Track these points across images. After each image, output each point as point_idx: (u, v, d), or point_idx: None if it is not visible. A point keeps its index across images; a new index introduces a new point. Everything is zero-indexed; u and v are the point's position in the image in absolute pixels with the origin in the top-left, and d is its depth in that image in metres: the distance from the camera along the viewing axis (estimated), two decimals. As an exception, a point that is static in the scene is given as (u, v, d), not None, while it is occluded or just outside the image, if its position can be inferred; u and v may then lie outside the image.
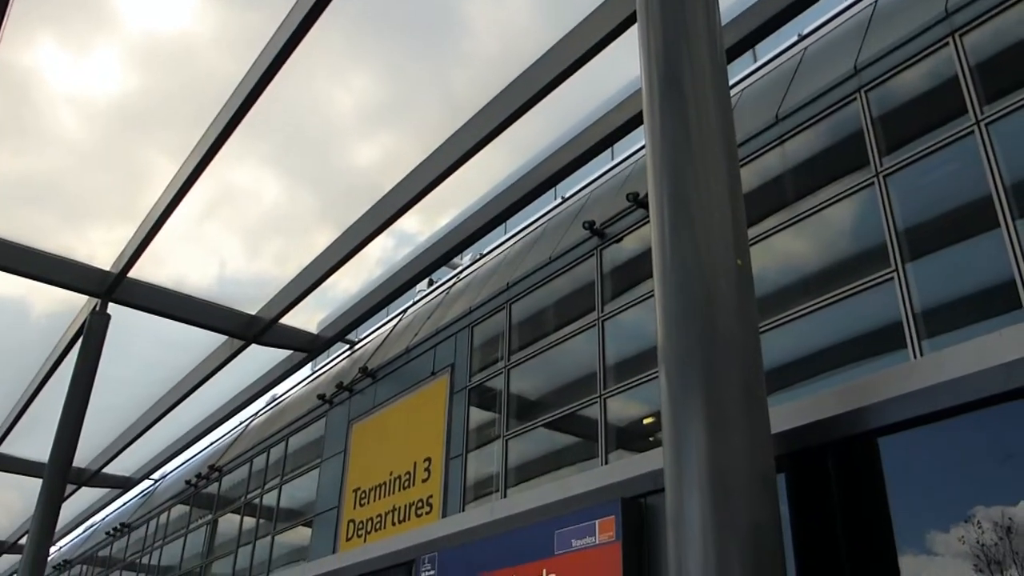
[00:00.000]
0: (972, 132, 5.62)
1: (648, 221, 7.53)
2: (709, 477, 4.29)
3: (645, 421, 7.45)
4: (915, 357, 5.28)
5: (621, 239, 8.14)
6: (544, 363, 8.58)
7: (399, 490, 9.71)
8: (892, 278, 5.55)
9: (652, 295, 6.92)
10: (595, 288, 8.13)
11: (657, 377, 6.41)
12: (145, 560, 18.15)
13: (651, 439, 7.10)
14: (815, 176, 6.49)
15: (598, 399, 7.60)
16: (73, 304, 13.05)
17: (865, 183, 5.94)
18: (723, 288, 4.68)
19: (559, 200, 10.15)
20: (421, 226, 10.64)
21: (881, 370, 5.24)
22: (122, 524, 19.78)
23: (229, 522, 14.71)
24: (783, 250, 6.55)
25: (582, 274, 8.45)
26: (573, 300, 8.56)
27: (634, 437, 7.36)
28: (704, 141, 5.12)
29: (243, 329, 12.25)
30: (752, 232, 6.12)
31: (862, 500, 4.82)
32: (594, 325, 7.98)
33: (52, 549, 15.38)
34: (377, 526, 9.88)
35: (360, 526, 10.25)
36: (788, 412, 5.24)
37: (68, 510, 16.79)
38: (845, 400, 4.94)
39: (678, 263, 4.88)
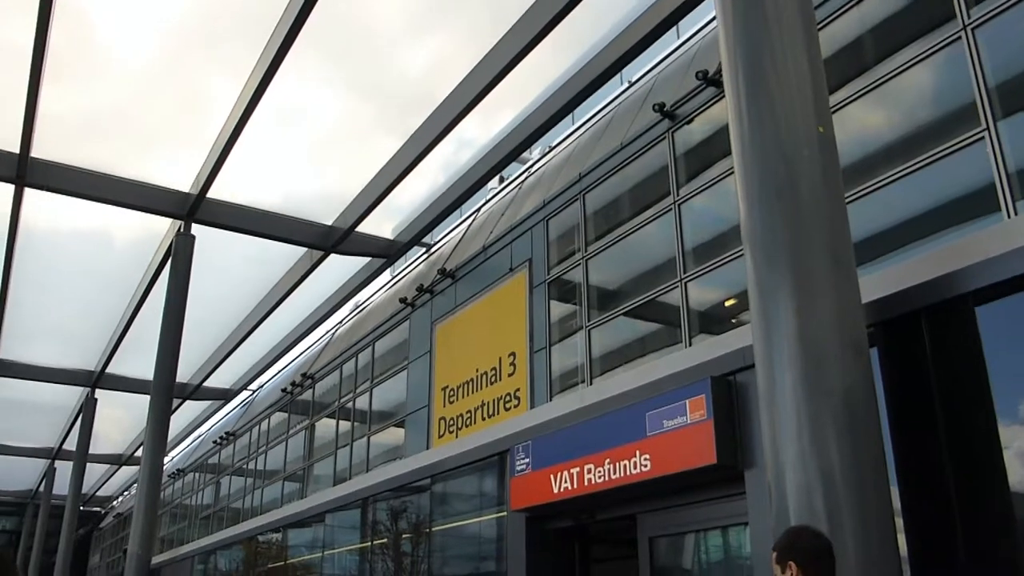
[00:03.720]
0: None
1: (721, 97, 7.31)
2: (800, 349, 4.28)
3: (728, 303, 7.41)
4: (1009, 218, 5.08)
5: (693, 119, 7.93)
6: (622, 252, 8.56)
7: (486, 386, 9.96)
8: (983, 137, 5.29)
9: (730, 173, 6.79)
10: (669, 171, 7.99)
11: (740, 257, 6.36)
12: (251, 465, 19.21)
13: (734, 321, 7.07)
14: (895, 36, 6.16)
15: (679, 283, 7.57)
16: (155, 230, 13.50)
17: (952, 38, 5.62)
18: (806, 156, 4.56)
19: (626, 85, 9.91)
20: (478, 130, 10.63)
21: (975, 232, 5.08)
22: (227, 433, 20.90)
23: (325, 426, 15.38)
24: (863, 119, 6.29)
25: (655, 158, 8.31)
26: (647, 186, 8.44)
27: (717, 320, 7.34)
28: (778, 5, 4.89)
29: (321, 240, 12.52)
30: (830, 101, 5.88)
31: (958, 366, 4.75)
32: (670, 209, 7.88)
33: (165, 459, 16.38)
34: (467, 422, 10.20)
35: (451, 423, 10.60)
36: (879, 280, 5.15)
37: (175, 423, 17.79)
38: (938, 264, 4.81)
39: (757, 135, 4.76)
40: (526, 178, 11.33)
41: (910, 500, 4.73)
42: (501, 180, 12.29)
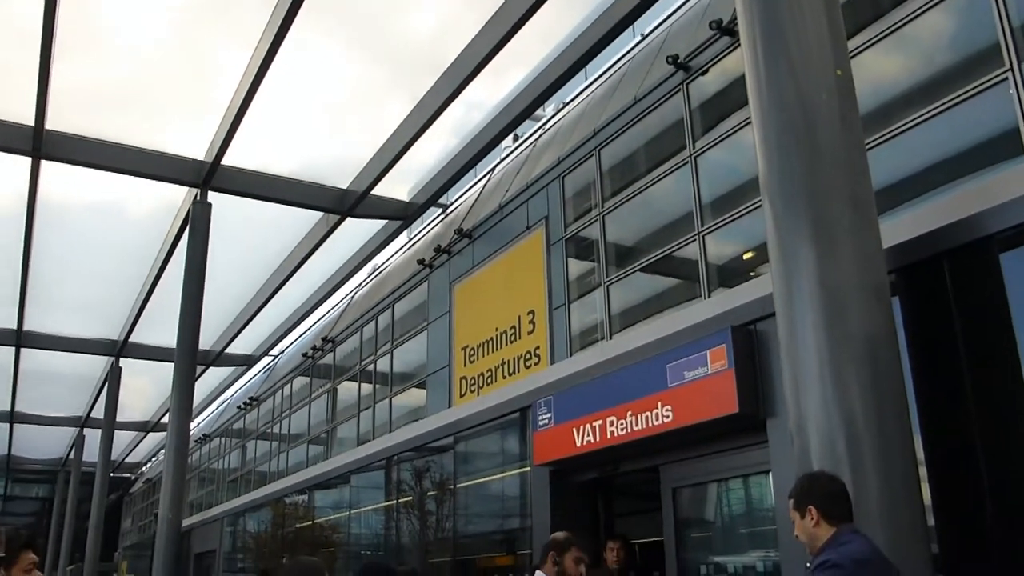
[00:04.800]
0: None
1: (736, 47, 7.22)
2: (821, 295, 4.29)
3: (746, 256, 7.40)
4: (1034, 158, 5.02)
5: (707, 70, 7.85)
6: (639, 207, 8.53)
7: (506, 344, 10.03)
8: (1006, 78, 5.21)
9: (746, 124, 6.74)
10: (684, 124, 7.94)
11: (758, 208, 6.33)
12: (275, 429, 19.49)
13: (752, 274, 7.06)
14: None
15: (697, 236, 7.55)
16: (172, 200, 13.58)
17: (974, -24, 5.51)
18: (824, 101, 4.52)
19: (639, 38, 9.80)
20: (491, 89, 10.59)
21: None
22: (251, 398, 21.17)
23: (347, 389, 15.55)
24: (882, 64, 6.21)
25: (670, 112, 8.24)
26: (663, 139, 8.39)
27: (736, 274, 7.33)
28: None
29: (337, 204, 12.56)
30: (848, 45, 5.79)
31: (981, 310, 4.74)
32: (687, 163, 7.83)
33: (191, 425, 16.64)
34: (488, 380, 10.28)
35: (472, 382, 10.69)
36: (900, 225, 5.12)
37: (200, 389, 18.04)
38: (960, 206, 4.78)
39: (774, 80, 4.71)
40: (540, 136, 11.28)
41: (933, 447, 4.74)
42: (515, 139, 12.24)
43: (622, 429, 6.87)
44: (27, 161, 11.69)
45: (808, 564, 3.23)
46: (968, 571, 4.53)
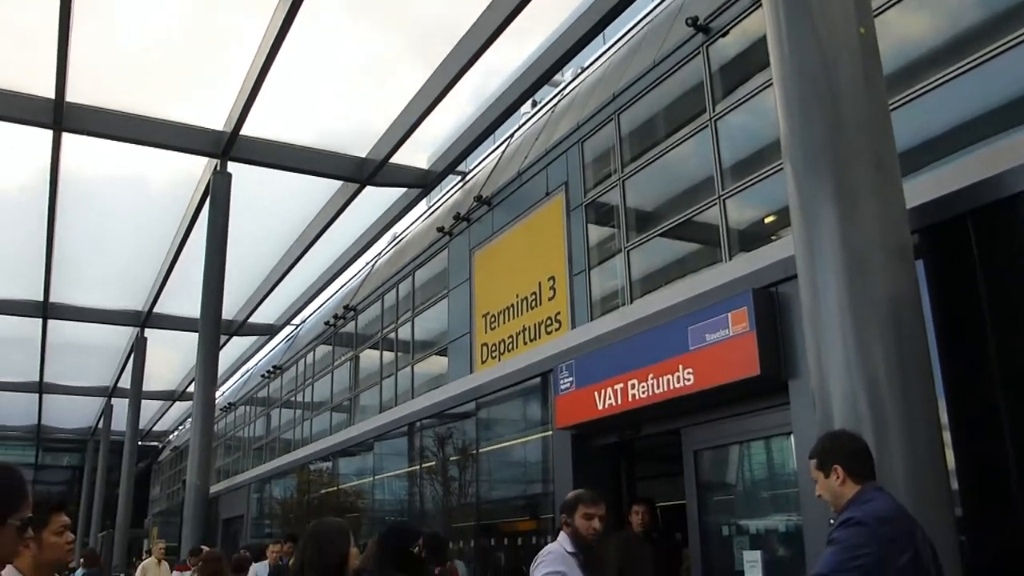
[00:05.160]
0: None
1: (756, 7, 7.13)
2: (843, 256, 4.27)
3: (767, 220, 7.36)
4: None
5: (727, 32, 7.76)
6: (659, 171, 8.49)
7: (527, 310, 10.06)
8: (1034, 34, 5.13)
9: (767, 86, 6.67)
10: (704, 88, 7.87)
11: (779, 171, 6.29)
12: (299, 397, 19.72)
13: (774, 238, 7.03)
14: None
15: (717, 200, 7.52)
16: (191, 172, 13.66)
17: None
18: (846, 60, 4.48)
19: (657, 0, 9.68)
20: (509, 55, 10.52)
21: (1024, 133, 4.96)
22: (274, 367, 21.40)
23: (369, 357, 15.68)
24: (904, 23, 6.11)
25: (689, 75, 8.16)
26: (682, 103, 8.32)
27: (757, 238, 7.30)
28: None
29: (356, 173, 12.59)
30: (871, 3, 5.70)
31: (1007, 270, 4.70)
32: (707, 126, 7.78)
33: (216, 394, 16.85)
34: (509, 347, 10.34)
35: (493, 348, 10.75)
36: (924, 185, 5.08)
37: (224, 358, 18.24)
38: (985, 165, 4.73)
39: (795, 39, 4.66)
40: (559, 101, 11.22)
41: (957, 410, 4.71)
42: (534, 104, 12.18)
43: (643, 392, 6.91)
44: (48, 134, 11.79)
45: (831, 521, 3.25)
46: (992, 535, 4.54)
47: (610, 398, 7.31)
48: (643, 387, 6.91)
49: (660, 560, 6.95)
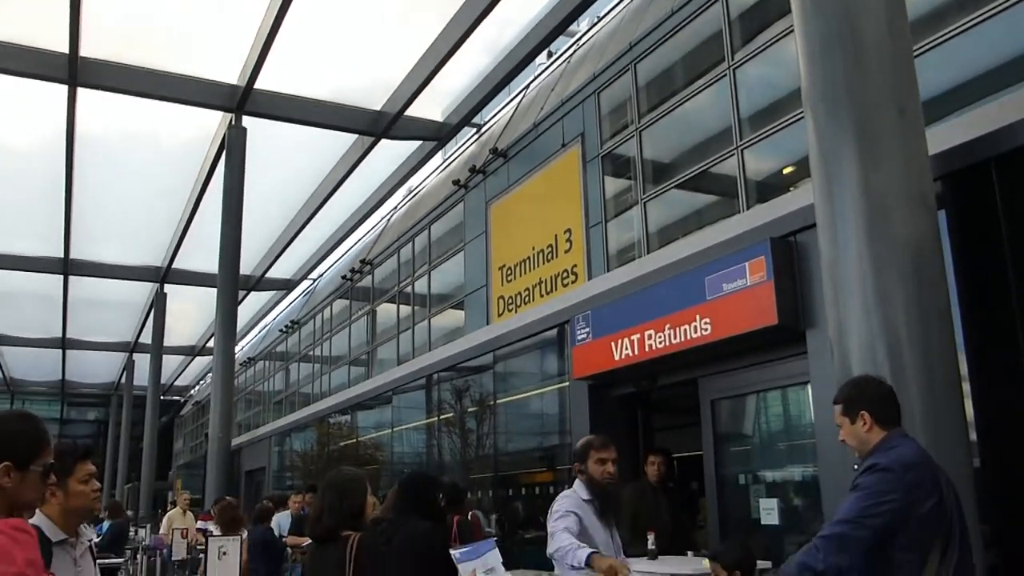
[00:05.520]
0: None
1: (778, -49, 6.97)
2: (864, 203, 4.23)
3: (785, 171, 7.28)
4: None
5: (748, -23, 7.60)
6: (676, 122, 8.40)
7: (543, 263, 10.06)
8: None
9: (787, 32, 6.55)
10: (723, 36, 7.73)
11: (799, 121, 6.21)
12: (317, 351, 19.90)
13: (792, 189, 6.96)
14: None
15: (735, 151, 7.44)
16: (207, 127, 13.63)
17: None
18: (870, 5, 4.38)
19: (675, -55, 9.48)
20: (520, 7, 10.36)
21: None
22: (292, 321, 21.57)
23: (386, 311, 15.76)
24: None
25: (708, 23, 8.02)
26: (700, 52, 8.19)
27: (775, 189, 7.22)
28: None
29: (371, 126, 12.53)
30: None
31: (1029, 215, 4.64)
32: (725, 75, 7.66)
33: (236, 349, 17.03)
34: (526, 299, 10.36)
35: (510, 301, 10.77)
36: (947, 130, 5.00)
37: (242, 313, 18.40)
38: (1009, 112, 4.65)
39: (819, -16, 4.56)
40: (575, 52, 11.07)
41: (977, 361, 4.68)
42: (549, 55, 12.04)
43: (660, 342, 6.92)
44: (63, 90, 11.79)
45: (855, 467, 3.25)
46: (1010, 486, 4.54)
47: (627, 348, 7.34)
48: (660, 337, 6.93)
49: (676, 510, 7.03)
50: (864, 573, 2.96)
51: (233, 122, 12.82)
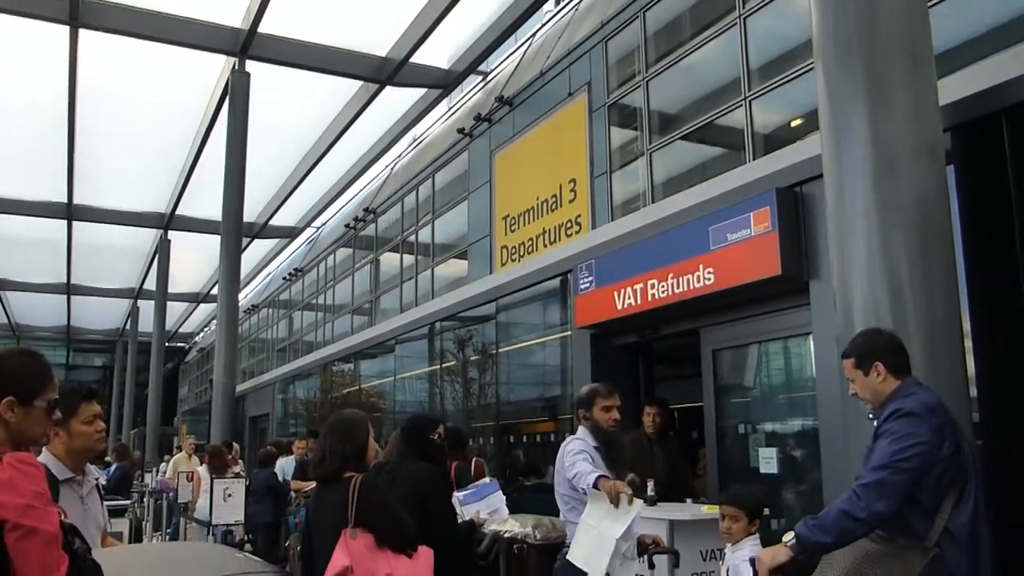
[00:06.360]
0: None
1: None
2: (872, 153, 4.19)
3: (794, 123, 7.21)
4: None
5: (760, -77, 7.44)
6: (684, 72, 8.30)
7: (547, 212, 10.03)
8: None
9: (800, -22, 6.42)
10: (735, -18, 7.60)
11: (807, 72, 6.14)
12: (320, 299, 19.96)
13: (800, 142, 6.90)
14: None
15: (743, 102, 7.36)
16: (211, 72, 13.50)
17: None
18: (885, -50, 4.29)
19: None
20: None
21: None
22: (295, 269, 21.60)
23: (390, 260, 15.76)
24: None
25: (719, -31, 7.88)
26: (711, 1, 8.07)
27: (783, 142, 7.15)
28: None
29: (376, 72, 12.41)
30: None
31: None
32: (735, 24, 7.54)
33: (240, 296, 17.09)
34: (530, 249, 10.35)
35: (513, 251, 10.76)
36: (957, 81, 4.94)
37: (246, 260, 18.46)
38: (1021, 62, 4.58)
39: (834, -72, 4.46)
40: (583, -2, 10.90)
41: (980, 317, 4.66)
42: (557, 2, 11.86)
43: (663, 292, 6.93)
44: (65, 31, 11.66)
45: (871, 416, 3.24)
46: (1010, 441, 4.57)
47: (629, 298, 7.35)
48: (663, 287, 6.93)
49: (674, 459, 7.08)
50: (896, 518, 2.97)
51: (236, 66, 12.70)
